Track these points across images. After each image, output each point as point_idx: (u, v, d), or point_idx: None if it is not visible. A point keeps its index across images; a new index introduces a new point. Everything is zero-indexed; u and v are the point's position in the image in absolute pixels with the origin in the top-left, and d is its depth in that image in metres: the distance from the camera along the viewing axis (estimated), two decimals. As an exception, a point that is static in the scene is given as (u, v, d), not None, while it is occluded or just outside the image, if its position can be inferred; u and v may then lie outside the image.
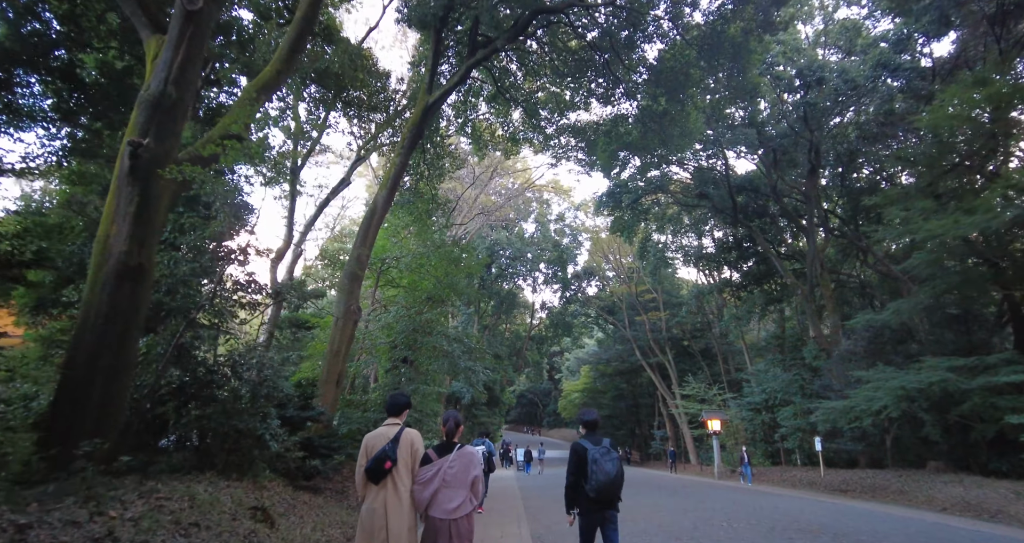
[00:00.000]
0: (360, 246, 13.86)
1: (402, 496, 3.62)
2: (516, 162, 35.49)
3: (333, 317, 13.58)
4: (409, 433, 3.85)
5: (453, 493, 3.66)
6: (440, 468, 3.71)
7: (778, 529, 8.02)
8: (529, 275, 46.48)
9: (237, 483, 7.05)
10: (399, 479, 3.65)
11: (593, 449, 4.51)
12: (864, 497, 15.34)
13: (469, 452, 3.89)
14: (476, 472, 3.82)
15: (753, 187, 26.05)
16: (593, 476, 4.40)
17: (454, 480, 3.68)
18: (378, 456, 3.64)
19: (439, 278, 16.21)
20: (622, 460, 4.65)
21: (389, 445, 3.69)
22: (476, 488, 3.80)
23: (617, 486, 4.47)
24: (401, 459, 3.69)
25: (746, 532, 7.84)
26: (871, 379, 16.88)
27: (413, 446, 3.80)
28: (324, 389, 12.62)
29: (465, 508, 3.66)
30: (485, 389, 37.61)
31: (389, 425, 3.92)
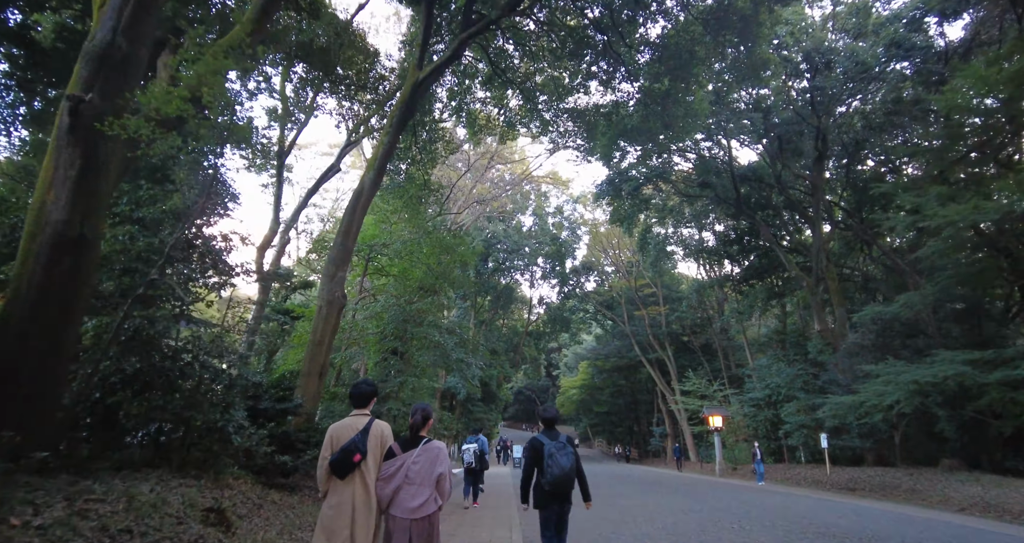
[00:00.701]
0: (345, 230, 13.10)
1: (371, 492, 3.40)
2: (513, 152, 34.72)
3: (317, 305, 12.83)
4: (379, 424, 3.62)
5: (416, 491, 3.42)
6: (403, 463, 3.47)
7: (795, 532, 7.32)
8: (527, 270, 45.75)
9: (195, 481, 6.32)
10: (368, 474, 3.42)
11: (549, 444, 4.63)
12: (874, 496, 14.67)
13: (435, 447, 3.63)
14: (442, 469, 3.55)
15: (757, 177, 25.32)
16: (549, 470, 4.49)
17: (417, 477, 3.44)
18: (346, 448, 3.39)
19: (430, 266, 15.47)
20: (577, 455, 4.72)
21: (359, 436, 3.45)
22: (442, 486, 3.54)
23: (571, 479, 4.54)
24: (371, 452, 3.47)
25: (760, 536, 7.14)
26: (881, 373, 16.20)
27: (383, 438, 3.59)
28: (306, 381, 11.87)
29: (428, 507, 3.42)
30: (481, 385, 36.92)
31: (356, 415, 3.65)
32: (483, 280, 40.98)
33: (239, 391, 7.24)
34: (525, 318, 54.14)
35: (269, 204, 19.12)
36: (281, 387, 9.92)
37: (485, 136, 19.75)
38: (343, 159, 20.91)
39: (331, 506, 3.36)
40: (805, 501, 12.03)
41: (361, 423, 3.56)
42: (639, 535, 7.32)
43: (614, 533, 7.51)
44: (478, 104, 19.16)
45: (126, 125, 5.36)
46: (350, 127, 19.09)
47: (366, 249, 15.00)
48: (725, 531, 7.46)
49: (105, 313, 6.85)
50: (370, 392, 3.79)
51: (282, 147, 18.81)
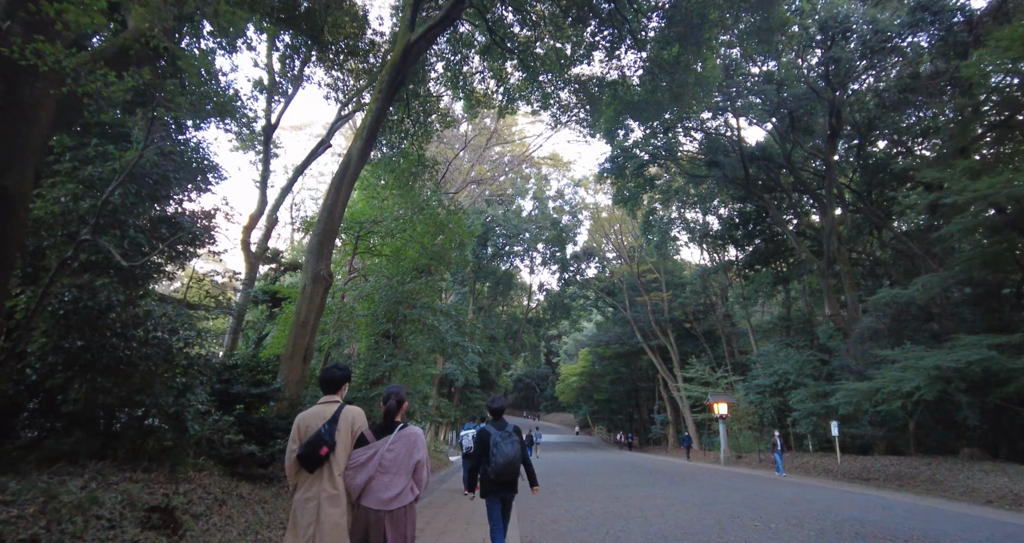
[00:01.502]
0: (331, 204, 12.22)
1: (339, 485, 3.14)
2: (513, 133, 33.60)
3: (301, 284, 11.98)
4: (350, 411, 3.34)
5: (391, 480, 3.17)
6: (377, 451, 3.21)
7: (829, 533, 6.52)
8: (526, 255, 44.85)
9: (145, 475, 5.52)
10: (337, 466, 3.16)
11: (496, 434, 4.71)
12: (891, 486, 13.95)
13: (412, 433, 3.36)
14: (419, 456, 3.29)
15: (765, 156, 24.31)
16: (494, 459, 4.57)
17: (392, 465, 3.20)
18: (311, 441, 3.12)
19: (425, 245, 14.59)
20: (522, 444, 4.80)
21: (325, 427, 3.18)
22: (420, 475, 3.29)
23: (515, 467, 4.62)
24: (340, 443, 3.21)
25: (789, 536, 6.34)
26: (898, 359, 15.43)
27: (354, 426, 3.32)
28: (289, 364, 11.07)
29: (404, 497, 3.18)
30: (479, 372, 36.22)
31: (326, 403, 3.36)
32: (482, 266, 40.14)
33: (200, 373, 6.40)
34: (525, 305, 53.37)
35: (256, 181, 18.17)
36: (258, 370, 9.07)
37: (483, 110, 18.72)
38: (334, 135, 19.93)
39: (300, 501, 3.11)
40: (824, 493, 11.27)
41: (330, 411, 3.27)
42: (650, 533, 6.54)
43: (623, 531, 6.73)
44: (476, 77, 18.15)
45: (42, 52, 4.45)
46: (341, 99, 18.08)
47: (356, 227, 14.10)
48: (747, 529, 6.67)
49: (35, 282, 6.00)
50: (341, 377, 3.47)
51: (269, 121, 17.81)
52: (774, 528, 6.74)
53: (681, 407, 36.33)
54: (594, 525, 7.13)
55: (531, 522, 7.50)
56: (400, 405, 3.47)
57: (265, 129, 17.73)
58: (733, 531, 6.59)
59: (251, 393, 8.17)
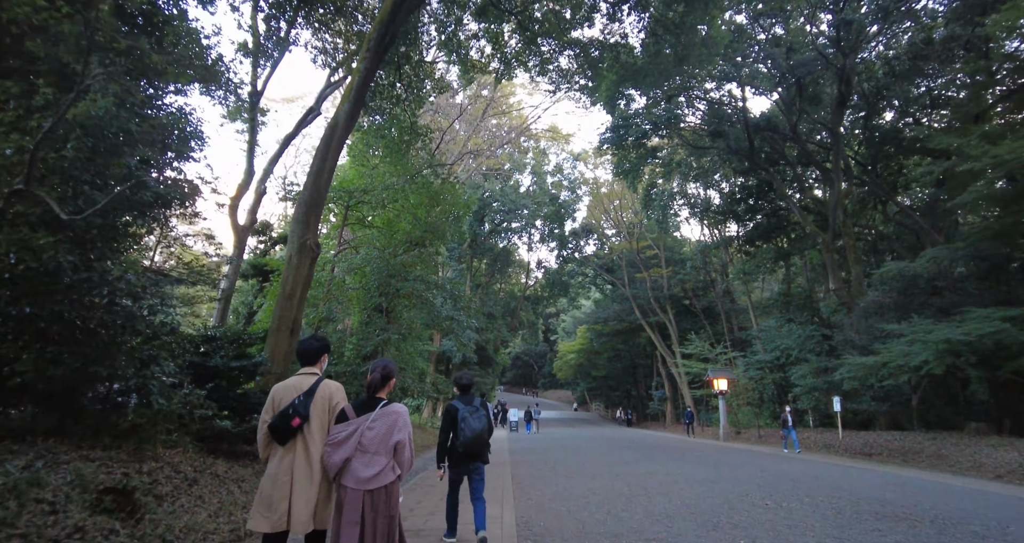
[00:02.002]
0: (318, 170, 11.59)
1: (313, 461, 3.01)
2: (510, 99, 32.62)
3: (287, 255, 11.43)
4: (328, 385, 3.22)
5: (371, 459, 3.03)
6: (357, 428, 3.07)
7: (846, 512, 6.11)
8: (524, 232, 44.19)
9: (105, 453, 5.05)
10: (311, 440, 3.04)
11: (463, 408, 4.78)
12: (895, 462, 13.68)
13: (395, 411, 3.20)
14: (401, 436, 3.12)
15: (771, 126, 23.56)
16: (461, 433, 4.67)
17: (372, 444, 3.06)
18: (284, 411, 3.01)
19: (418, 217, 13.99)
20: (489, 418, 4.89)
21: (300, 398, 3.07)
22: (401, 455, 3.14)
23: (483, 441, 4.72)
24: (315, 416, 3.08)
25: (805, 517, 5.93)
26: (904, 333, 15.03)
27: (331, 401, 3.18)
28: (275, 338, 10.60)
29: (385, 477, 3.03)
30: (477, 349, 35.92)
31: (304, 375, 3.24)
32: (479, 242, 39.54)
33: (168, 344, 5.90)
34: (523, 282, 52.93)
35: (243, 151, 17.45)
36: (240, 343, 8.58)
37: (479, 78, 17.89)
38: (324, 103, 19.11)
39: (270, 475, 2.97)
40: (831, 469, 10.92)
41: (307, 383, 3.16)
42: (655, 513, 6.13)
43: (625, 510, 6.33)
44: (471, 42, 17.28)
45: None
46: (330, 64, 17.24)
47: (345, 196, 13.47)
48: (759, 509, 6.26)
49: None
50: (318, 348, 3.34)
51: (255, 86, 16.99)
52: (787, 507, 6.33)
53: (679, 383, 36.21)
54: (595, 504, 6.73)
55: (528, 500, 7.11)
56: (386, 380, 3.31)
57: (251, 95, 16.94)
58: (743, 510, 6.18)
59: (230, 367, 7.68)
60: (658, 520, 5.73)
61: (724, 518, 5.77)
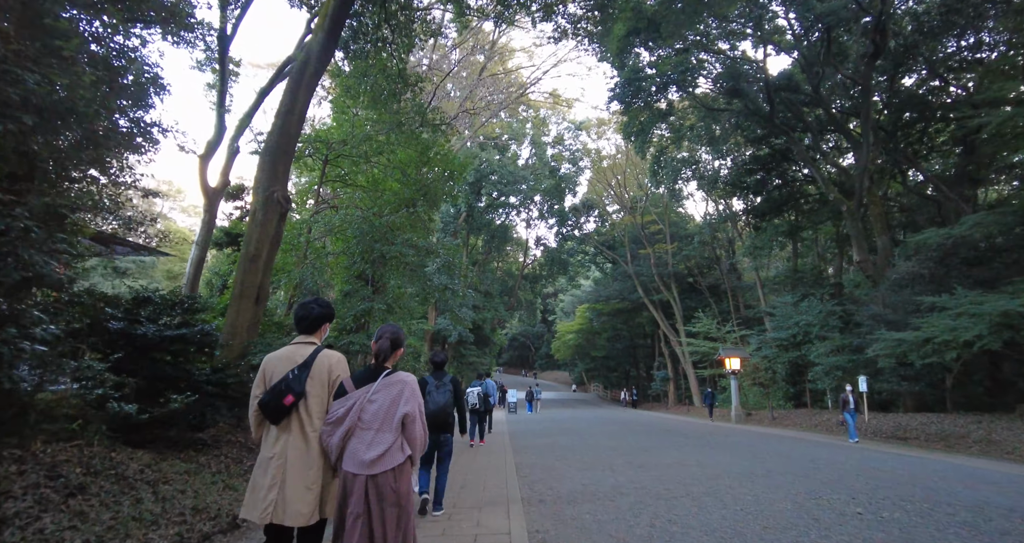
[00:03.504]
0: (287, 111, 9.87)
1: (312, 444, 2.60)
2: (508, 60, 30.57)
3: (251, 209, 9.77)
4: (327, 356, 2.74)
5: (373, 437, 2.53)
6: (356, 402, 2.59)
7: (983, 529, 4.57)
8: (523, 207, 42.36)
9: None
10: (308, 420, 2.61)
11: (432, 383, 5.17)
12: (936, 447, 12.30)
13: (400, 380, 2.69)
14: (407, 408, 2.62)
15: (791, 86, 21.77)
16: (426, 406, 4.75)
17: (375, 419, 2.57)
18: (275, 387, 2.58)
19: (406, 173, 12.29)
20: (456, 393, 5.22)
21: (295, 372, 2.62)
22: (410, 431, 2.61)
23: (446, 413, 5.05)
24: (313, 393, 2.64)
25: (930, 535, 4.39)
26: (948, 306, 13.55)
27: (331, 374, 2.72)
28: (237, 307, 9.02)
29: (391, 459, 2.51)
30: (474, 328, 34.47)
31: (300, 344, 2.79)
32: (475, 216, 37.80)
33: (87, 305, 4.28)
34: (521, 261, 51.31)
35: (212, 105, 15.64)
36: (186, 308, 6.98)
37: (475, 18, 15.98)
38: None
39: (262, 459, 2.58)
40: (890, 459, 9.40)
41: (303, 354, 2.70)
42: (713, 525, 4.60)
43: (671, 521, 4.80)
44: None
45: None
46: (310, 3, 15.32)
47: (322, 148, 11.74)
48: (851, 520, 4.69)
49: None
50: (320, 314, 2.85)
51: (224, 30, 15.10)
52: (890, 518, 4.74)
53: (683, 363, 34.94)
54: (627, 510, 5.20)
55: (539, 504, 5.59)
56: (395, 347, 2.86)
57: (220, 40, 15.08)
58: (832, 522, 4.63)
59: (164, 337, 6.07)
60: (725, 539, 4.20)
61: (816, 536, 4.24)
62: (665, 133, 25.68)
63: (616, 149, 39.70)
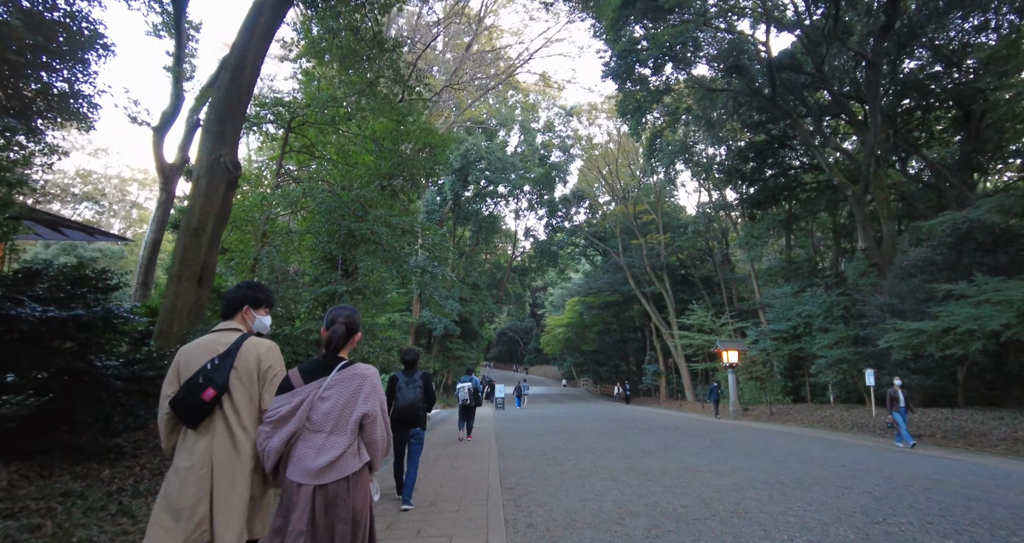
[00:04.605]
0: (238, 65, 8.54)
1: (242, 448, 2.14)
2: (497, 39, 29.17)
3: (193, 176, 8.43)
4: (256, 344, 2.27)
5: (324, 441, 2.10)
6: (304, 399, 2.13)
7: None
8: (512, 198, 41.03)
9: None
10: (235, 419, 2.15)
11: (403, 379, 5.36)
12: (954, 445, 11.36)
13: (359, 374, 2.22)
14: (368, 407, 2.16)
15: (794, 65, 20.73)
16: (396, 401, 5.23)
17: (326, 419, 2.12)
18: (191, 382, 2.12)
19: (381, 144, 10.99)
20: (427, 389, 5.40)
21: (215, 362, 2.16)
22: (370, 434, 2.16)
23: (414, 408, 5.23)
24: (239, 386, 2.19)
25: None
26: (967, 293, 12.59)
27: (260, 365, 2.25)
28: (176, 289, 7.71)
29: (345, 466, 2.08)
30: (460, 321, 33.20)
31: (222, 331, 2.32)
32: (462, 206, 36.48)
33: None
34: (509, 253, 50.05)
35: (167, 70, 14.19)
36: (92, 285, 5.68)
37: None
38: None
39: (178, 470, 2.07)
40: (926, 462, 8.35)
41: (226, 342, 2.23)
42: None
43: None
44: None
45: None
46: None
47: (284, 114, 10.39)
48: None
49: None
50: (246, 297, 2.39)
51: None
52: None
53: (676, 357, 34.00)
54: (641, 537, 4.03)
55: (529, 528, 4.39)
56: (351, 333, 2.32)
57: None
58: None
59: (48, 319, 4.77)
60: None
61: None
62: (661, 117, 24.55)
63: (608, 136, 38.57)
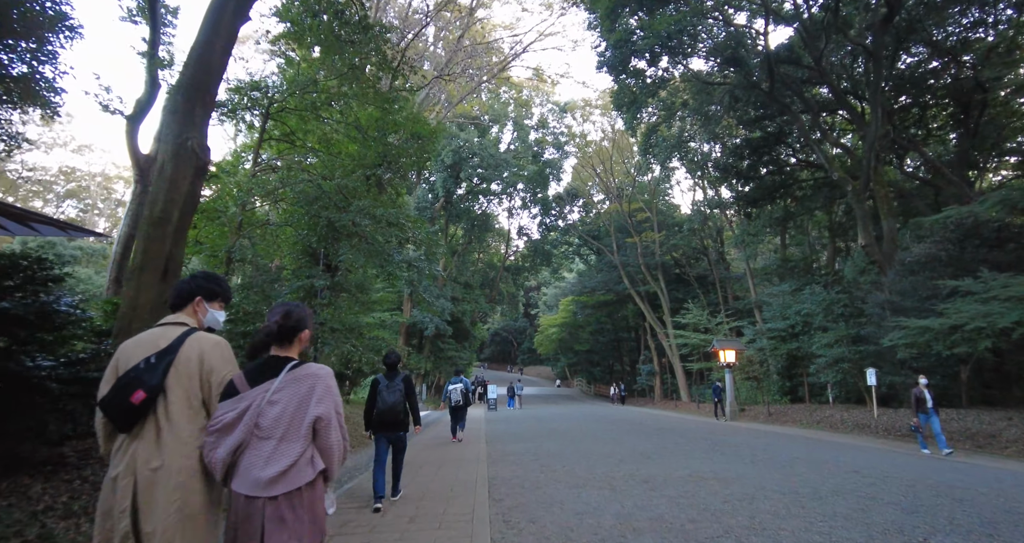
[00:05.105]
0: (207, 40, 7.92)
1: (169, 458, 1.84)
2: (489, 32, 28.59)
3: (157, 163, 7.80)
4: (200, 340, 2.01)
5: (274, 450, 1.87)
6: (250, 404, 1.91)
7: None
8: (505, 196, 40.42)
9: None
10: (166, 426, 1.87)
11: (384, 382, 5.42)
12: (966, 448, 10.91)
13: (311, 374, 1.99)
14: (321, 410, 1.93)
15: (793, 58, 20.33)
16: (378, 405, 5.32)
17: (276, 425, 1.89)
18: (121, 381, 1.85)
19: (365, 132, 10.40)
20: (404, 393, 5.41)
21: (150, 360, 1.89)
22: (324, 440, 1.94)
23: (395, 411, 5.28)
24: (176, 387, 1.91)
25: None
26: (974, 290, 12.18)
27: (203, 363, 1.98)
28: (138, 281, 7.06)
29: (299, 476, 1.86)
30: (452, 320, 32.59)
31: (168, 325, 2.05)
32: (454, 204, 35.88)
33: None
34: (502, 252, 49.48)
35: (142, 56, 13.51)
36: (23, 272, 5.08)
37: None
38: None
39: (108, 480, 1.85)
40: (942, 467, 7.87)
41: (170, 337, 1.97)
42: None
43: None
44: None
45: None
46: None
47: (262, 98, 9.78)
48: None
49: None
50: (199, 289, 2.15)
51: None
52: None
53: (671, 357, 33.56)
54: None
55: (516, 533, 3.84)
56: (292, 331, 2.05)
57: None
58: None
59: None
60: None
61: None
62: (656, 113, 24.09)
63: (602, 134, 38.09)
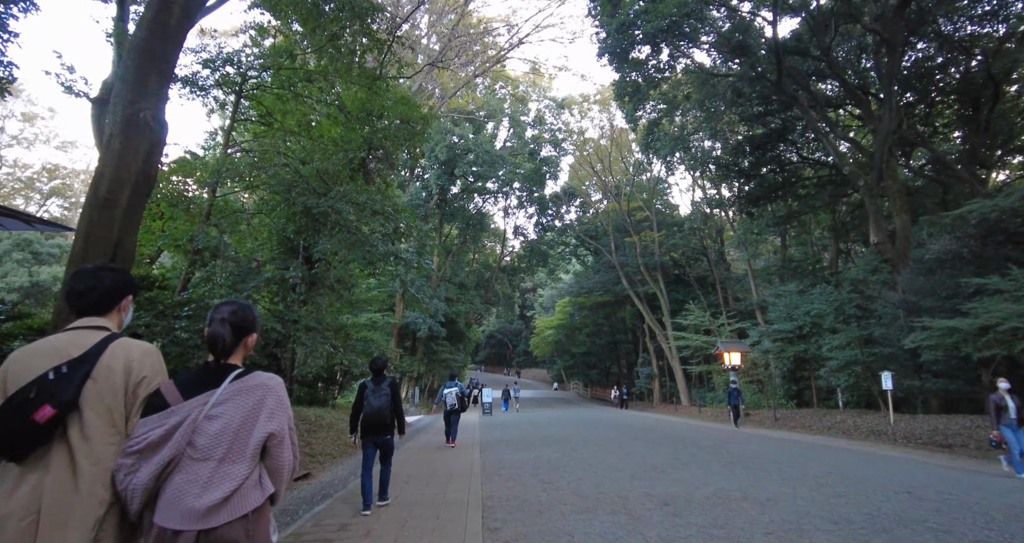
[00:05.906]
0: (165, 2, 6.99)
1: (87, 490, 1.49)
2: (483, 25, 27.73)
3: (105, 136, 6.86)
4: (126, 348, 1.63)
5: (213, 472, 1.55)
6: (183, 420, 1.57)
7: None
8: (501, 195, 39.54)
9: None
10: (83, 450, 1.52)
11: (371, 388, 5.50)
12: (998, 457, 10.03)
13: (260, 384, 1.68)
14: (274, 426, 1.64)
15: (801, 48, 19.56)
16: (364, 409, 5.43)
17: (216, 444, 1.57)
18: (18, 398, 1.47)
19: (349, 113, 9.49)
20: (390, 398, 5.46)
21: (60, 371, 1.51)
22: (277, 459, 1.66)
23: (381, 415, 5.37)
24: (94, 403, 1.54)
25: None
26: (1004, 288, 11.37)
27: (131, 375, 1.61)
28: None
29: (243, 502, 1.55)
30: (446, 322, 31.68)
31: (80, 329, 1.65)
32: (449, 202, 34.99)
33: None
34: (498, 252, 48.58)
35: (108, 34, 12.54)
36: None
37: None
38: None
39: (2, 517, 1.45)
40: (999, 485, 6.99)
41: (84, 344, 1.58)
42: None
43: None
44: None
45: None
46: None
47: (236, 77, 8.87)
48: None
49: None
50: (130, 285, 1.79)
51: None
52: None
53: (670, 359, 32.72)
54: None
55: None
56: (241, 334, 1.74)
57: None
58: None
59: None
60: None
61: None
62: (657, 107, 23.32)
63: (601, 131, 37.31)
